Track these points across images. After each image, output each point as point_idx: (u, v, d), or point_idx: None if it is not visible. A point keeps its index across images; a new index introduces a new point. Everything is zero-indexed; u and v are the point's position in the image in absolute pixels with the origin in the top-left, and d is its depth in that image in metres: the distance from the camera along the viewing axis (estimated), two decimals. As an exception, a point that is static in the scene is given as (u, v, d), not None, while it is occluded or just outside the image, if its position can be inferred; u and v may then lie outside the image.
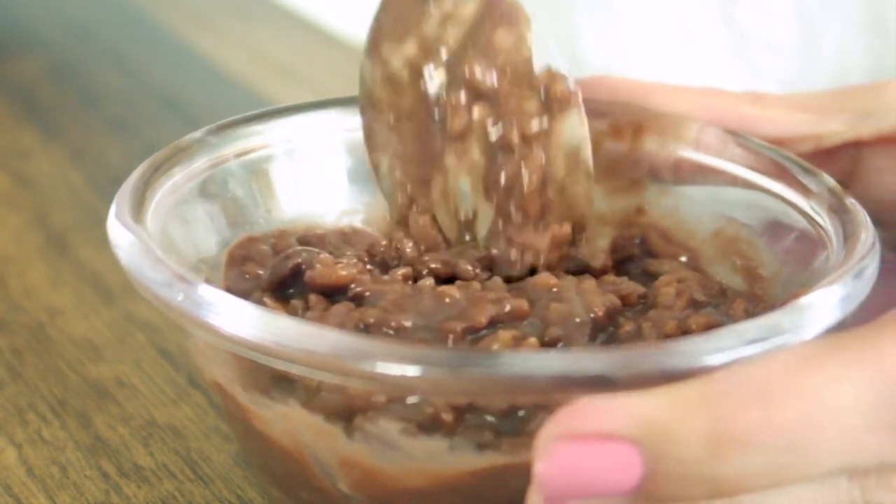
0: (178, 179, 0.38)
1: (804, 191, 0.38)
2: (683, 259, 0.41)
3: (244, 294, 0.38)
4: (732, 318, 0.37)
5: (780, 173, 0.39)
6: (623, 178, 0.42)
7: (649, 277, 0.40)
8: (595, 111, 0.41)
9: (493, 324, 0.35)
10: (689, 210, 0.41)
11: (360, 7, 0.42)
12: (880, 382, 0.28)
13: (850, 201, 0.37)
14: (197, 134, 0.40)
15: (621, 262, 0.41)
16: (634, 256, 0.41)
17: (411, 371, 0.29)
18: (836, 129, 0.40)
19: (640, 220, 0.42)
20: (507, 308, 0.36)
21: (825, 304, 0.32)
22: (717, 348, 0.29)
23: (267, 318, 0.30)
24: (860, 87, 0.40)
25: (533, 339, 0.34)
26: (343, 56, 0.78)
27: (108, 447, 0.42)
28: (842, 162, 0.41)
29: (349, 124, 0.42)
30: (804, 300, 0.32)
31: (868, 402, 0.28)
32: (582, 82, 0.42)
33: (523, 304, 0.36)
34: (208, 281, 0.37)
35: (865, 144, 0.40)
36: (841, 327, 0.31)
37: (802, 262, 0.37)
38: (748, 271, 0.39)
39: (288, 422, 0.33)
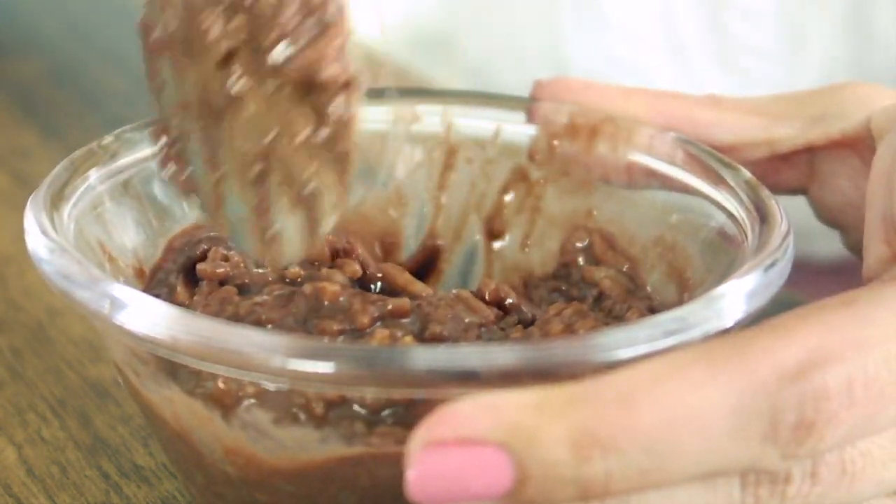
0: (99, 178, 0.38)
1: (727, 188, 0.38)
2: (624, 268, 0.41)
3: (164, 277, 0.38)
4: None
5: (709, 174, 0.39)
6: (575, 180, 0.42)
7: (587, 285, 0.40)
8: (553, 111, 0.42)
9: (374, 322, 0.35)
10: (634, 216, 0.41)
11: (360, 7, 0.42)
12: (746, 389, 0.28)
13: (766, 194, 0.37)
14: (118, 132, 0.40)
15: (565, 266, 0.42)
16: (577, 262, 0.42)
17: (323, 367, 0.29)
18: (788, 133, 0.40)
19: (588, 224, 0.42)
20: (389, 306, 0.36)
21: (734, 296, 0.32)
22: (617, 342, 0.30)
23: (177, 316, 0.31)
24: (815, 91, 0.40)
25: (408, 338, 0.35)
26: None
27: (108, 447, 0.42)
28: (797, 167, 0.40)
29: None
30: (712, 293, 0.32)
31: (733, 408, 0.28)
32: (542, 83, 0.42)
33: (405, 302, 0.36)
34: (138, 271, 0.38)
35: (819, 149, 0.40)
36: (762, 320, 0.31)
37: (726, 267, 0.37)
38: (680, 279, 0.39)
39: (173, 406, 0.33)
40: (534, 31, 0.75)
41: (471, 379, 0.29)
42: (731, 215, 0.38)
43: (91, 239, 0.37)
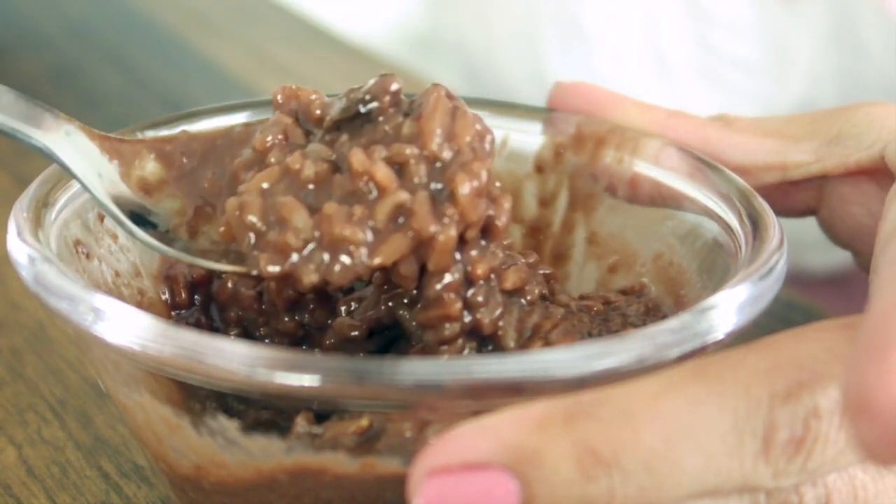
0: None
1: (723, 198, 0.38)
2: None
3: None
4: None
5: (708, 184, 0.39)
6: (581, 192, 0.42)
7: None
8: (561, 121, 0.41)
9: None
10: (636, 231, 0.41)
11: (360, 7, 0.42)
12: (741, 406, 0.28)
13: (759, 202, 0.37)
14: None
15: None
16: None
17: (308, 381, 0.29)
18: (801, 158, 0.39)
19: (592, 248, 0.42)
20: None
21: (725, 308, 0.32)
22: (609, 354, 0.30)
23: (160, 328, 0.30)
24: (829, 112, 0.40)
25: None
26: (342, 55, 0.78)
27: (108, 447, 0.42)
28: (808, 191, 0.40)
29: None
30: (703, 304, 0.32)
31: (728, 426, 0.28)
32: (559, 86, 0.42)
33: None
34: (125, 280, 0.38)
35: (832, 175, 0.39)
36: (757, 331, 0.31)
37: (719, 278, 0.36)
38: (676, 295, 0.39)
39: (145, 413, 0.33)
40: (515, 46, 0.75)
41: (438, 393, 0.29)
42: (726, 226, 0.37)
43: (74, 247, 0.37)
